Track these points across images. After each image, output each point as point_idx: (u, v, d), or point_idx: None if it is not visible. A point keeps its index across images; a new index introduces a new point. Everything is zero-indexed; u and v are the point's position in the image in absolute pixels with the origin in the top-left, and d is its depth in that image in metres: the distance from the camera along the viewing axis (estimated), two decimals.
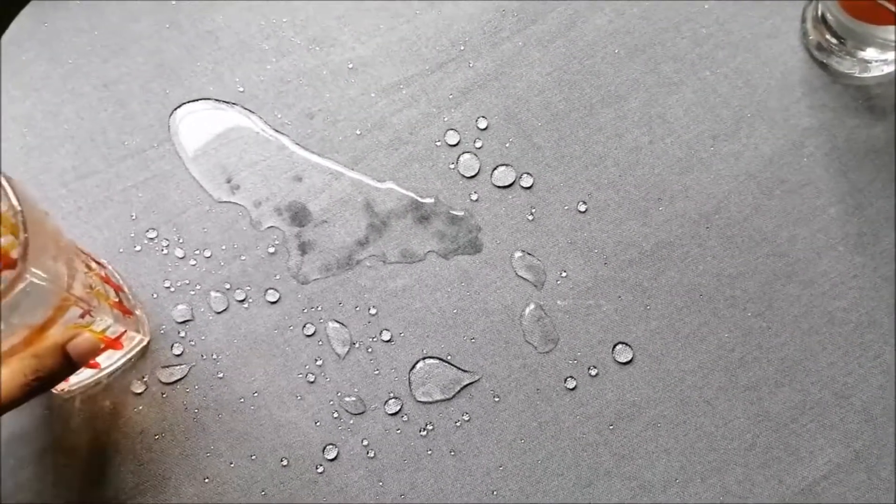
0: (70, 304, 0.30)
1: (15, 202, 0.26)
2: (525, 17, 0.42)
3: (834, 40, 0.39)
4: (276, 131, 0.40)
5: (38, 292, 0.27)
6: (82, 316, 0.31)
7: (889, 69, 0.39)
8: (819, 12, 0.39)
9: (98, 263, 0.37)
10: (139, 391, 0.38)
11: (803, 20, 0.41)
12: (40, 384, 0.29)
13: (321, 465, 0.37)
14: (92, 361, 0.35)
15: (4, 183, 0.27)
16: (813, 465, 0.36)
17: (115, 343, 0.36)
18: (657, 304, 0.38)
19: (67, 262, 0.30)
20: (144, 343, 0.38)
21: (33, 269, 0.26)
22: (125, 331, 0.36)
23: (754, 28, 0.41)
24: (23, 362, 0.28)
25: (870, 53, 0.38)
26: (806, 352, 0.37)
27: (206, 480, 0.37)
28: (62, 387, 0.37)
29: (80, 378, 0.37)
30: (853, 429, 0.36)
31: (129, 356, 0.38)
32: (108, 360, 0.38)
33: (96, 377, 0.38)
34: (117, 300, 0.36)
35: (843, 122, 0.39)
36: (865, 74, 0.40)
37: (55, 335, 0.30)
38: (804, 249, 0.38)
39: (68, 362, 0.30)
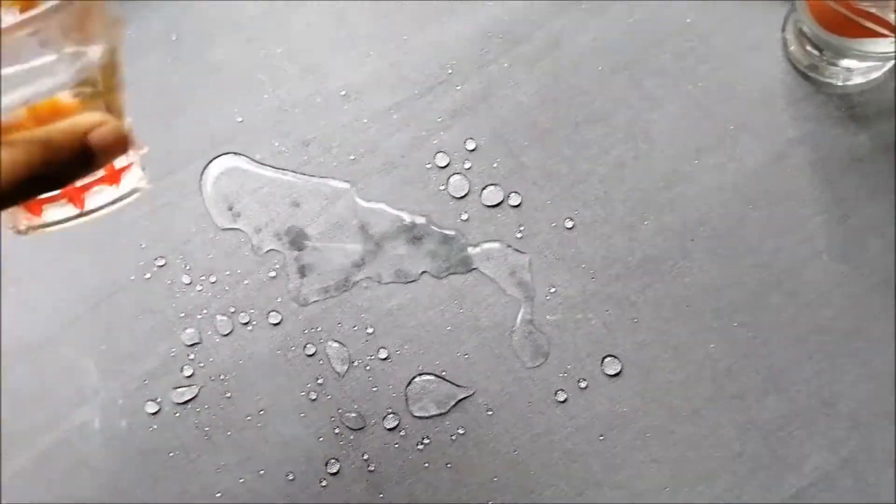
0: (96, 82, 0.24)
1: None
2: (510, 39, 0.43)
3: (814, 51, 0.39)
4: (271, 166, 0.42)
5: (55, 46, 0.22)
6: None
7: (871, 76, 0.40)
8: (797, 24, 0.39)
9: None
10: (153, 411, 0.41)
11: (784, 31, 0.41)
12: (48, 176, 0.24)
13: (325, 479, 0.39)
14: (78, 192, 0.27)
15: None
16: (800, 473, 0.36)
17: (116, 175, 0.28)
18: (645, 316, 0.39)
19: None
20: (141, 190, 0.29)
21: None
22: (131, 164, 0.28)
23: (736, 41, 0.41)
24: (30, 145, 0.23)
25: (848, 63, 0.39)
26: (792, 360, 0.38)
27: (219, 496, 0.39)
28: (32, 220, 0.27)
29: (56, 216, 0.28)
30: (840, 436, 0.37)
31: (118, 198, 0.29)
32: (95, 201, 0.28)
33: (75, 220, 0.28)
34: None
35: (827, 131, 0.40)
36: (848, 83, 0.40)
37: (76, 117, 0.24)
38: (789, 259, 0.39)
39: (85, 156, 0.24)
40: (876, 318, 0.37)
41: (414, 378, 0.40)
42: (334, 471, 0.39)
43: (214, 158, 0.42)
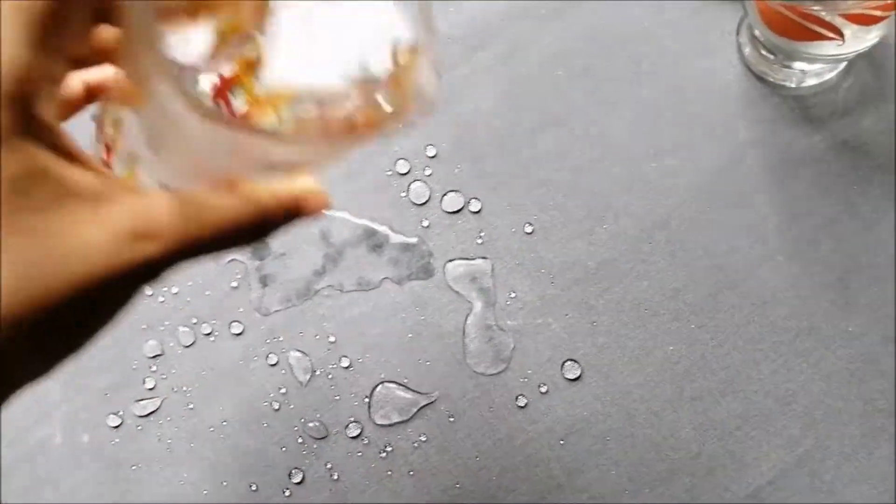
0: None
1: None
2: (469, 45, 0.43)
3: (767, 54, 0.39)
4: None
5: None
6: None
7: (825, 78, 0.40)
8: (750, 28, 0.40)
9: None
10: (115, 424, 0.40)
11: (738, 35, 0.41)
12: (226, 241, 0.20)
13: (288, 489, 0.39)
14: None
15: None
16: (757, 472, 0.37)
17: None
18: (604, 320, 0.39)
19: None
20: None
21: None
22: None
23: (691, 44, 0.42)
24: (248, 204, 0.20)
25: (800, 65, 0.39)
26: (748, 361, 0.38)
27: None
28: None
29: None
30: (796, 434, 0.37)
31: None
32: None
33: None
34: None
35: (782, 133, 0.40)
36: (802, 85, 0.40)
37: (294, 183, 0.21)
38: (744, 260, 0.39)
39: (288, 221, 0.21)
40: (828, 317, 0.38)
41: (376, 386, 0.40)
42: (298, 480, 0.39)
43: None
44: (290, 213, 0.21)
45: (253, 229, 0.20)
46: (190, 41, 0.20)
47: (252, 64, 0.20)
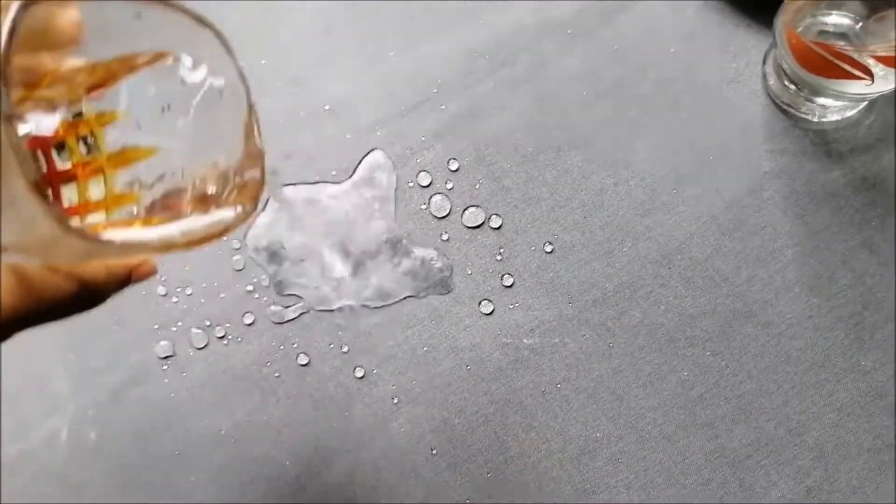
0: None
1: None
2: (496, 60, 0.43)
3: (792, 87, 0.40)
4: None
5: None
6: None
7: (847, 114, 0.41)
8: (777, 60, 0.40)
9: None
10: (124, 423, 0.40)
11: (765, 65, 0.42)
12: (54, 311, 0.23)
13: (296, 496, 0.39)
14: None
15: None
16: (766, 501, 0.37)
17: None
18: (620, 342, 0.39)
19: None
20: None
21: None
22: None
23: (718, 73, 0.42)
24: (68, 281, 0.22)
25: (824, 101, 0.39)
26: (762, 390, 0.38)
27: None
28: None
29: None
30: (805, 465, 0.37)
31: None
32: None
33: None
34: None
35: (803, 165, 0.41)
36: (824, 119, 0.41)
37: (122, 260, 0.24)
38: (762, 290, 0.39)
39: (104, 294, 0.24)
40: (842, 350, 0.38)
41: (390, 398, 0.40)
42: (308, 489, 0.39)
43: None
44: (122, 282, 0.24)
45: (86, 300, 0.23)
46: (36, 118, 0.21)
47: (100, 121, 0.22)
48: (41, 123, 0.22)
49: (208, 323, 0.41)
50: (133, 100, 0.23)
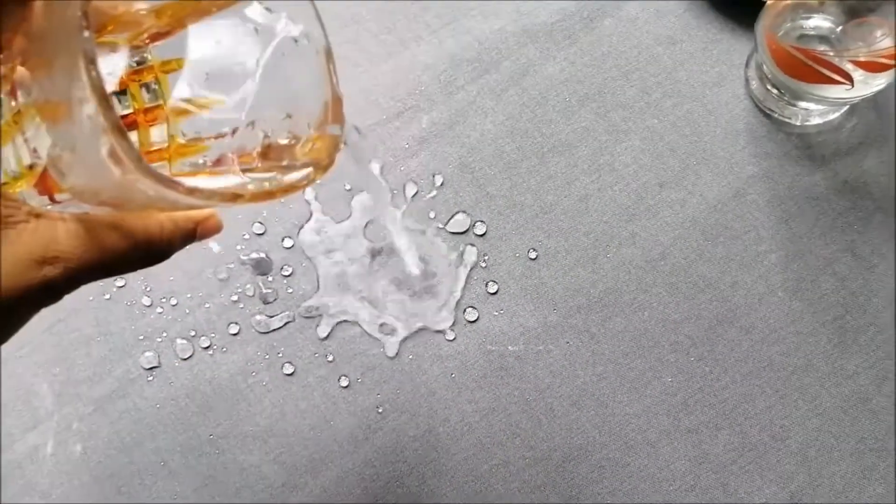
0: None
1: None
2: (479, 68, 0.43)
3: (774, 90, 0.40)
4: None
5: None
6: None
7: (829, 118, 0.41)
8: (759, 64, 0.40)
9: None
10: (109, 435, 0.40)
11: (747, 68, 0.42)
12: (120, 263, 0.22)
13: None
14: None
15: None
16: None
17: None
18: (604, 349, 0.39)
19: None
20: None
21: None
22: None
23: (701, 77, 0.42)
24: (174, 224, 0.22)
25: (805, 105, 0.39)
26: (745, 395, 0.38)
27: None
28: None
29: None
30: (789, 470, 0.38)
31: None
32: None
33: None
34: None
35: (785, 169, 0.41)
36: (806, 123, 0.41)
37: (191, 212, 0.24)
38: (745, 295, 0.39)
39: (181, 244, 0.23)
40: (825, 355, 0.38)
41: (375, 407, 0.40)
42: (295, 500, 0.39)
43: None
44: (186, 237, 0.23)
45: (151, 254, 0.22)
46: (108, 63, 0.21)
47: (167, 68, 0.21)
48: (104, 68, 0.21)
49: (193, 333, 0.41)
50: (201, 48, 0.22)
